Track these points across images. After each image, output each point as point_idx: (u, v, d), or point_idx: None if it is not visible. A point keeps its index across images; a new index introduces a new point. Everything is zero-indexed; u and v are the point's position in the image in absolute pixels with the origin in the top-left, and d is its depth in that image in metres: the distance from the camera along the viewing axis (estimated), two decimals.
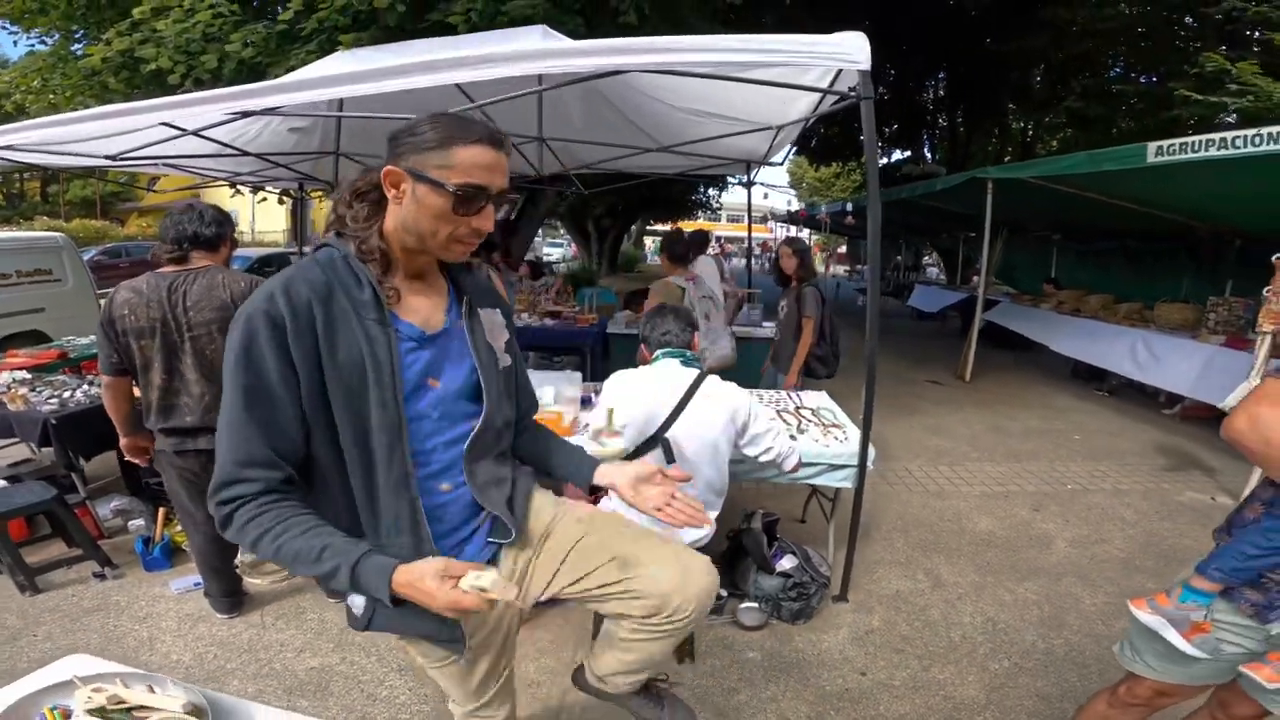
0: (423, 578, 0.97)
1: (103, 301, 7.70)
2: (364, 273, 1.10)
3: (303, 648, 2.60)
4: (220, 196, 8.78)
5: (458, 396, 1.21)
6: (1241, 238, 6.66)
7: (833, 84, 2.85)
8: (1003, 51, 11.39)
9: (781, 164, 5.73)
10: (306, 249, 6.27)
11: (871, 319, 2.72)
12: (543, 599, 1.38)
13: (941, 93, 15.46)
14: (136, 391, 2.53)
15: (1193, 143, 4.10)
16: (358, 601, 1.20)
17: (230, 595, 2.81)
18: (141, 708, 1.07)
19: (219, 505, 1.05)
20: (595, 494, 2.51)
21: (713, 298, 4.29)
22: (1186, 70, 7.61)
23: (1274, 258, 3.79)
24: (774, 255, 4.52)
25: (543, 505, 1.40)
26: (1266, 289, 3.90)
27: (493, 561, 1.29)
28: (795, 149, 14.86)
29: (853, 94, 2.49)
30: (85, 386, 3.66)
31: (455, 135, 1.05)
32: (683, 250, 4.35)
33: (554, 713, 2.28)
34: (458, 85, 3.04)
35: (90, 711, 1.04)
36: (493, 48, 2.46)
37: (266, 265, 11.75)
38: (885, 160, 17.76)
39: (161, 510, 3.26)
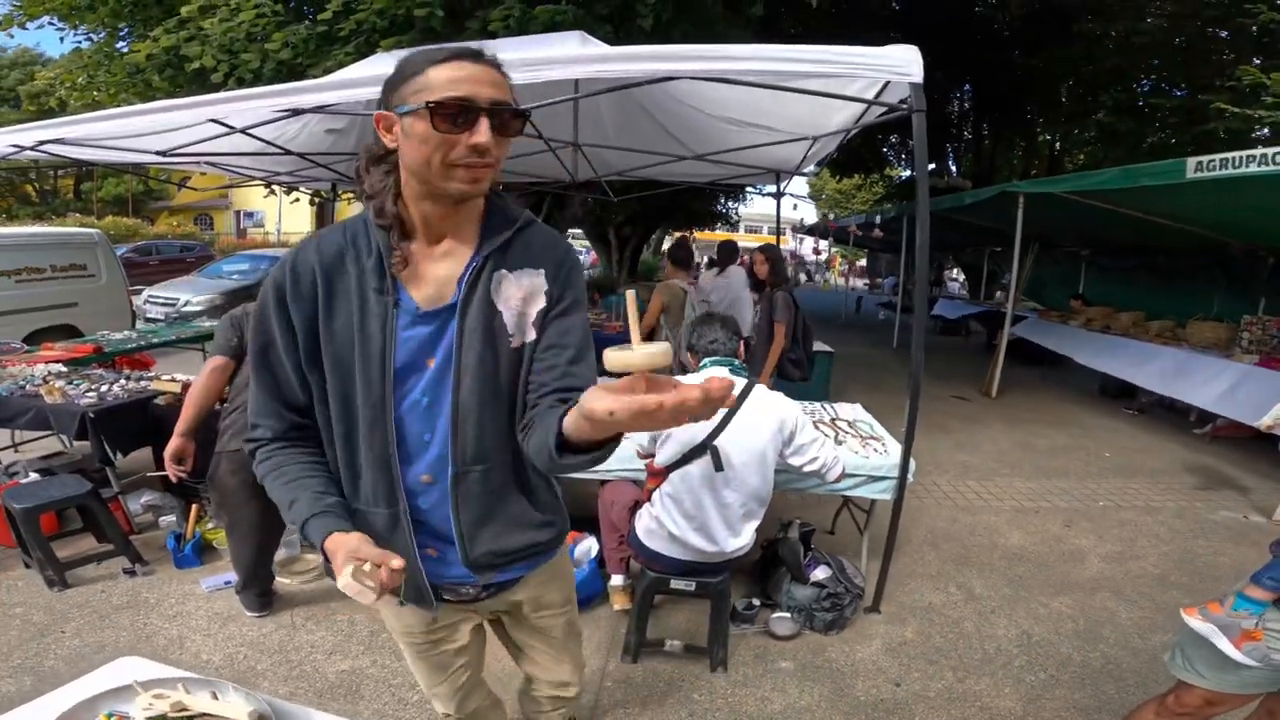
0: (336, 552, 0.97)
1: (134, 298, 7.78)
2: (375, 237, 1.06)
3: (333, 650, 2.59)
4: (253, 196, 8.92)
5: (434, 374, 1.10)
6: (1275, 255, 6.56)
7: (879, 96, 2.86)
8: (1031, 65, 11.31)
9: (818, 174, 5.77)
10: None
11: (917, 336, 2.71)
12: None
13: (967, 106, 15.38)
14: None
15: (1233, 158, 4.06)
16: None
17: (265, 594, 2.83)
18: (205, 715, 1.02)
19: (246, 444, 1.16)
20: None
21: (737, 301, 4.50)
22: (1219, 84, 7.52)
23: None
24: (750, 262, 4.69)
25: (551, 580, 1.38)
26: None
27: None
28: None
29: (904, 106, 2.50)
30: (122, 381, 3.69)
31: (427, 59, 0.99)
32: (685, 256, 4.80)
33: None
34: None
35: (153, 719, 1.00)
36: (534, 51, 2.50)
37: None
38: (906, 172, 17.69)
39: (194, 507, 3.27)
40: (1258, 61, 7.86)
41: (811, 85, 2.75)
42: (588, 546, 2.91)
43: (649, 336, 4.49)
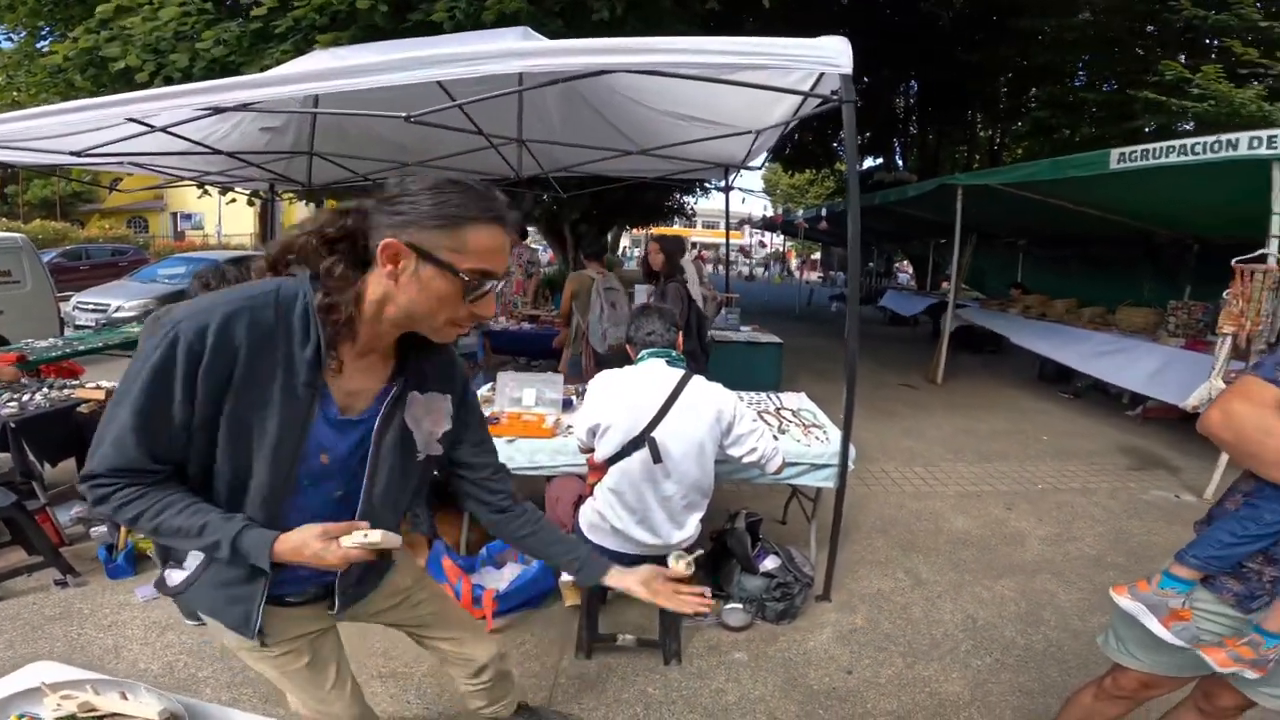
0: (306, 544, 1.04)
1: (63, 305, 7.48)
2: (317, 332, 1.02)
3: None
4: (190, 197, 8.56)
5: (345, 471, 1.16)
6: (1200, 243, 6.91)
7: (814, 88, 2.89)
8: (971, 61, 11.67)
9: (760, 169, 5.85)
10: None
11: (851, 322, 2.75)
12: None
13: (912, 101, 15.77)
14: None
15: (1154, 149, 4.26)
16: (175, 575, 1.24)
17: None
18: (115, 715, 1.03)
19: (91, 489, 1.04)
20: (577, 501, 2.51)
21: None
22: (1146, 79, 7.87)
23: (1234, 261, 3.93)
24: (645, 252, 4.75)
25: (402, 578, 1.52)
26: (1226, 292, 4.04)
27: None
28: (771, 156, 15.05)
29: (835, 97, 2.53)
30: (45, 390, 3.55)
31: (467, 213, 0.98)
32: (598, 249, 5.33)
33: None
34: (439, 83, 3.01)
35: (60, 719, 1.00)
36: (475, 46, 2.45)
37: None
38: (859, 167, 18.06)
39: None
40: (1182, 57, 8.26)
41: (746, 78, 2.76)
42: None
43: (565, 321, 5.07)
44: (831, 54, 2.33)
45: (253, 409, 1.02)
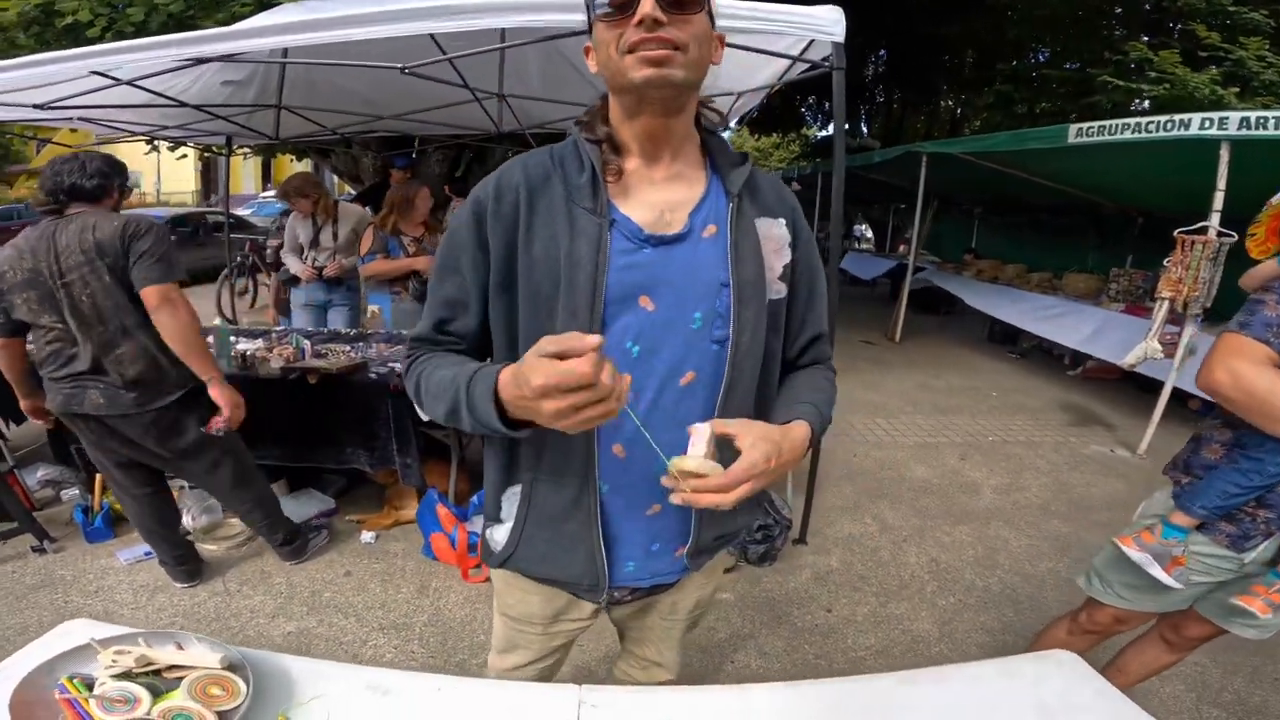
0: (535, 369, 0.71)
1: None
2: (588, 153, 0.94)
3: (275, 613, 2.56)
4: (129, 153, 8.09)
5: (680, 330, 0.95)
6: (1143, 215, 7.29)
7: (802, 54, 2.95)
8: (939, 34, 11.78)
9: (737, 131, 5.85)
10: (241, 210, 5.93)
11: (830, 278, 2.89)
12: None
13: (880, 70, 15.88)
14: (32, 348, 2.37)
15: (1110, 125, 4.48)
16: (497, 533, 1.09)
17: (184, 563, 2.70)
18: (173, 667, 0.95)
19: (403, 359, 1.05)
20: None
21: None
22: (1108, 57, 8.11)
23: (1176, 232, 4.21)
24: None
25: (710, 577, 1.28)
26: (1167, 260, 4.33)
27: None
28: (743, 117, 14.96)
29: (825, 64, 2.61)
30: None
31: None
32: None
33: None
34: (432, 36, 2.96)
35: (117, 676, 0.92)
36: None
37: (180, 226, 10.92)
38: (823, 132, 18.16)
39: (99, 477, 3.07)
40: (1146, 39, 8.53)
41: (739, 41, 2.81)
42: None
43: None
44: (827, 22, 2.42)
45: (548, 252, 0.92)
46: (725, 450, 0.85)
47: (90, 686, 0.91)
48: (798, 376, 1.10)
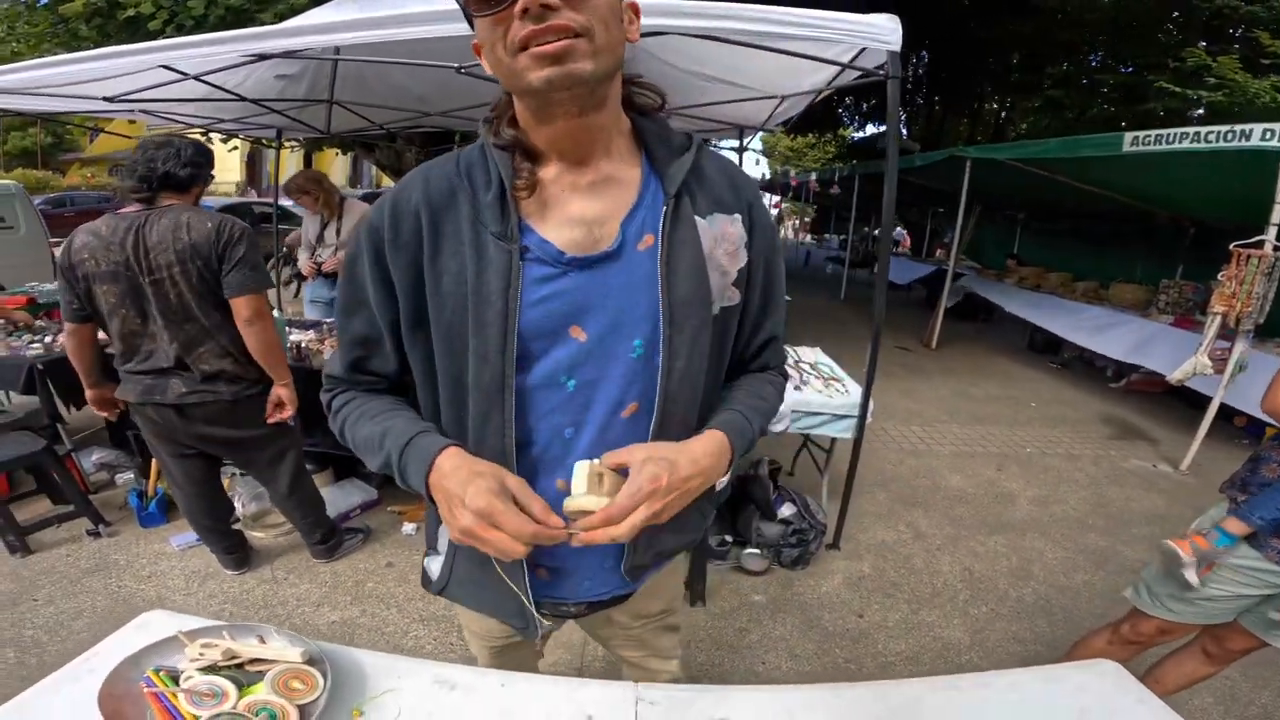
0: (473, 480, 0.74)
1: (57, 250, 7.49)
2: (495, 163, 0.81)
3: (320, 601, 2.63)
4: None
5: (619, 359, 0.84)
6: (1196, 226, 7.08)
7: (853, 61, 2.95)
8: (985, 36, 11.54)
9: (787, 131, 5.84)
10: (283, 201, 6.12)
11: (880, 285, 2.90)
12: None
13: (922, 72, 15.64)
14: (103, 336, 2.36)
15: (1167, 134, 4.36)
16: (432, 565, 1.06)
17: (233, 552, 2.75)
18: (256, 661, 0.97)
19: (323, 394, 0.98)
20: None
21: None
22: (1165, 63, 7.87)
23: (1232, 245, 4.09)
24: None
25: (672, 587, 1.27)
26: (1221, 273, 4.21)
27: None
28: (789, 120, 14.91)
29: (880, 72, 2.61)
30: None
31: None
32: None
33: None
34: None
35: (204, 670, 0.94)
36: None
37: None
38: (861, 134, 17.95)
39: (155, 462, 3.10)
40: (1204, 44, 8.27)
41: (793, 47, 2.82)
42: None
43: None
44: (884, 31, 2.42)
45: (455, 285, 0.81)
46: None
47: (175, 679, 0.92)
48: (739, 383, 1.01)
